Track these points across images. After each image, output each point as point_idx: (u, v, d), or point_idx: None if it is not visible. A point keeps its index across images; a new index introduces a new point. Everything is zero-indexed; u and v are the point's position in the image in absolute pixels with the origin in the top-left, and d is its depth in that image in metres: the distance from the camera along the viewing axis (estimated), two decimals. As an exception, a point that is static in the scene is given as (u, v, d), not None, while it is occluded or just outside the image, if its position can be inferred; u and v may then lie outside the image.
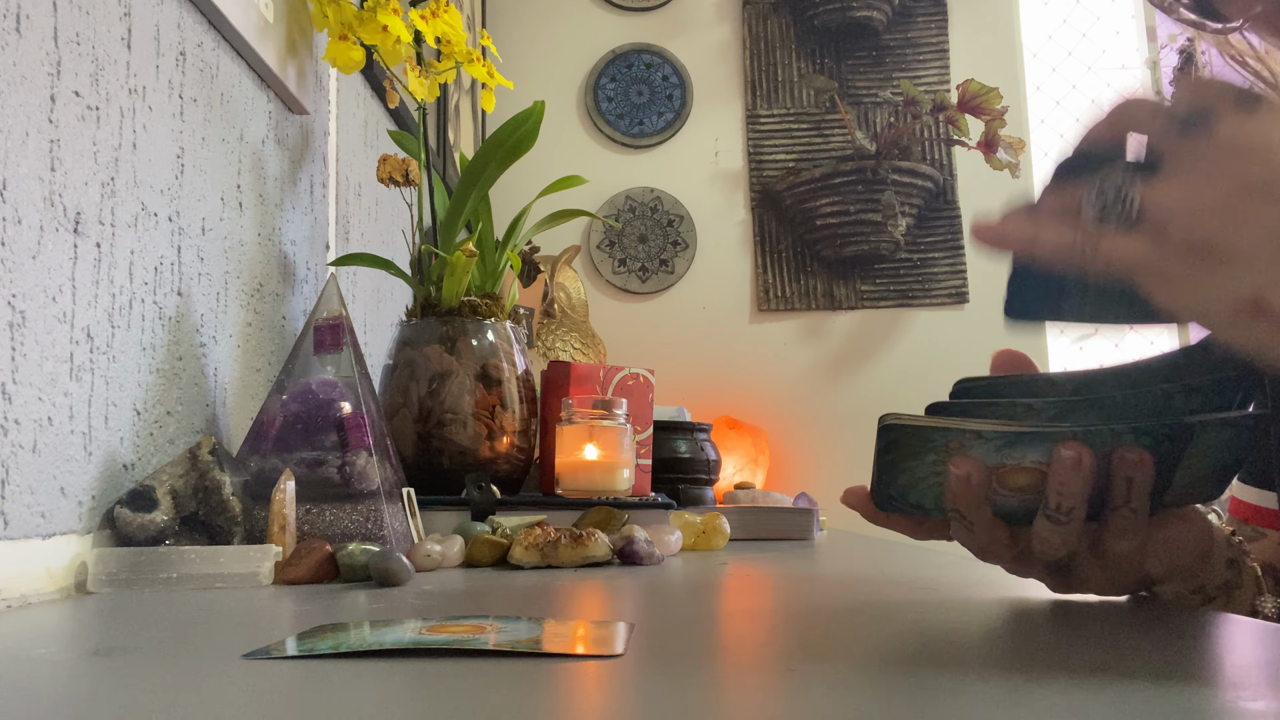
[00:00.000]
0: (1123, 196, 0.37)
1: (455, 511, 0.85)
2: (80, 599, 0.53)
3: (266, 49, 0.86)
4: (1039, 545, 0.44)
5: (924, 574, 0.64)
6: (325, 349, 0.74)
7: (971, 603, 0.49)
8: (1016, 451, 0.41)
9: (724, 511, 1.00)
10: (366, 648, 0.34)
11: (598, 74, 2.50)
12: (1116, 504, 0.42)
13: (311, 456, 0.69)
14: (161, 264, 0.69)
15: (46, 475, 0.54)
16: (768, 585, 0.60)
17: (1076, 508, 0.41)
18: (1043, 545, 0.44)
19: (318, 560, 0.60)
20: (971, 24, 2.54)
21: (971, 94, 2.09)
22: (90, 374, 0.59)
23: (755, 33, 2.52)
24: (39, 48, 0.55)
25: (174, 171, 0.71)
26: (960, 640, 0.38)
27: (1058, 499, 0.41)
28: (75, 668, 0.33)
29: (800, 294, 2.42)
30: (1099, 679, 0.29)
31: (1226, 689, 0.29)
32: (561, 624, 0.41)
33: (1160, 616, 0.45)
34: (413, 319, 0.99)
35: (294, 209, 0.97)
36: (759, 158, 2.48)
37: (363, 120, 1.25)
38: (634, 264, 2.44)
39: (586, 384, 1.08)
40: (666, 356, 2.36)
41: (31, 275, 0.53)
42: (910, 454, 0.43)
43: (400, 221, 1.43)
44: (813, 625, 0.42)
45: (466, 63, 0.99)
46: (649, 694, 0.28)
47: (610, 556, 0.72)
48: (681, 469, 1.27)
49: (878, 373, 2.38)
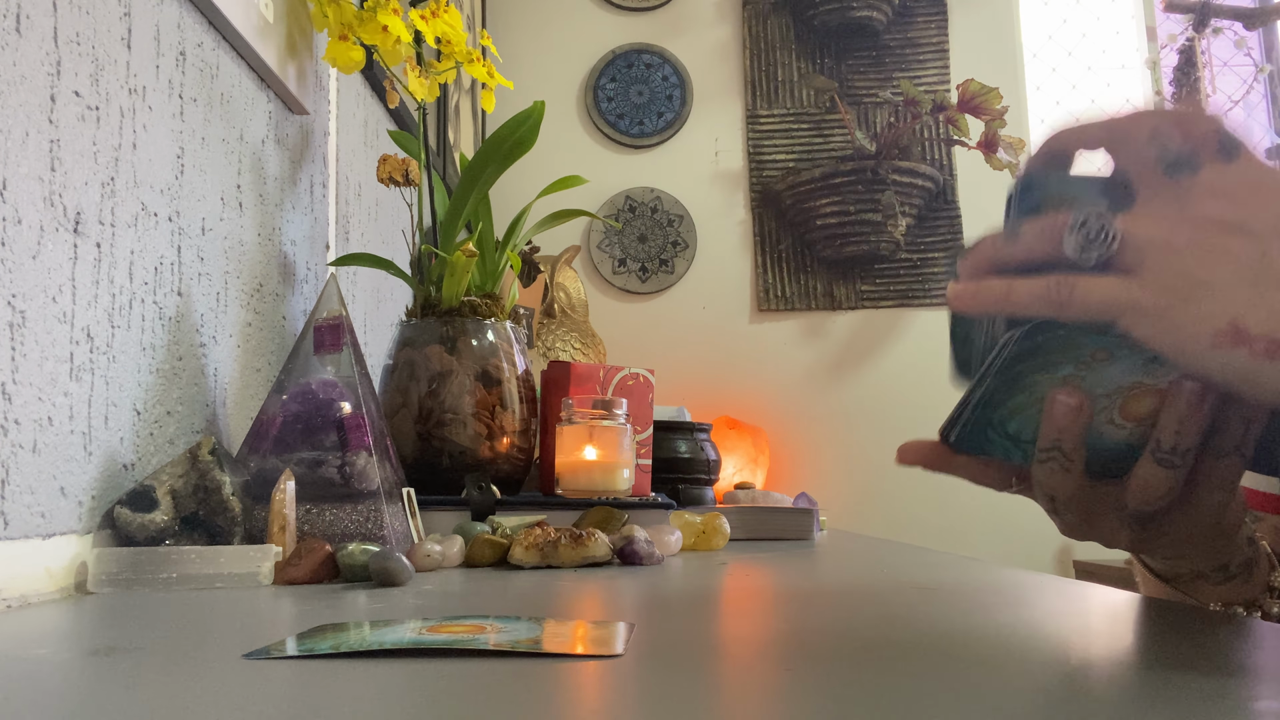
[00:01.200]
0: (1103, 231, 0.38)
1: (455, 511, 0.85)
2: (80, 599, 0.53)
3: (266, 49, 0.86)
4: (1140, 491, 0.42)
5: (924, 574, 0.64)
6: (325, 349, 0.74)
7: (972, 603, 0.49)
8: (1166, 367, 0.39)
9: (724, 511, 1.00)
10: (366, 648, 0.34)
11: (598, 74, 2.50)
12: (1226, 449, 0.41)
13: (311, 456, 0.69)
14: (161, 264, 0.69)
15: (46, 475, 0.54)
16: (767, 585, 0.60)
17: (1191, 449, 0.40)
18: (1145, 491, 0.42)
19: (318, 560, 0.60)
20: (971, 24, 2.54)
21: (971, 94, 2.09)
22: (90, 374, 0.59)
23: (755, 33, 2.52)
24: (39, 48, 0.55)
25: (174, 171, 0.71)
26: (960, 640, 0.38)
27: (1174, 439, 0.40)
28: (75, 668, 0.33)
29: (800, 294, 2.42)
30: (1100, 679, 0.29)
31: (1237, 689, 0.29)
32: (561, 624, 0.41)
33: (1164, 614, 0.45)
34: (413, 319, 0.99)
35: (294, 209, 0.97)
36: (759, 158, 2.48)
37: (363, 120, 1.25)
38: (634, 264, 2.44)
39: (586, 384, 1.08)
40: (666, 356, 2.36)
41: (31, 275, 0.53)
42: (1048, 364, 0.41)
43: (400, 221, 1.43)
44: (812, 625, 0.42)
45: (466, 63, 0.99)
46: (649, 694, 0.28)
47: (610, 556, 0.72)
48: (681, 469, 1.27)
49: (878, 373, 2.38)
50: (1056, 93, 2.65)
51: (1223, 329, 0.36)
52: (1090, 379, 0.41)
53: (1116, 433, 0.42)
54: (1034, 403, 0.42)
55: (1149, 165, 0.40)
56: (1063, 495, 0.43)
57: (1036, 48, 2.65)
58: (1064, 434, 0.41)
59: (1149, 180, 0.40)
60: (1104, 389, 0.41)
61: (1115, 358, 0.40)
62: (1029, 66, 2.59)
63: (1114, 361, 0.40)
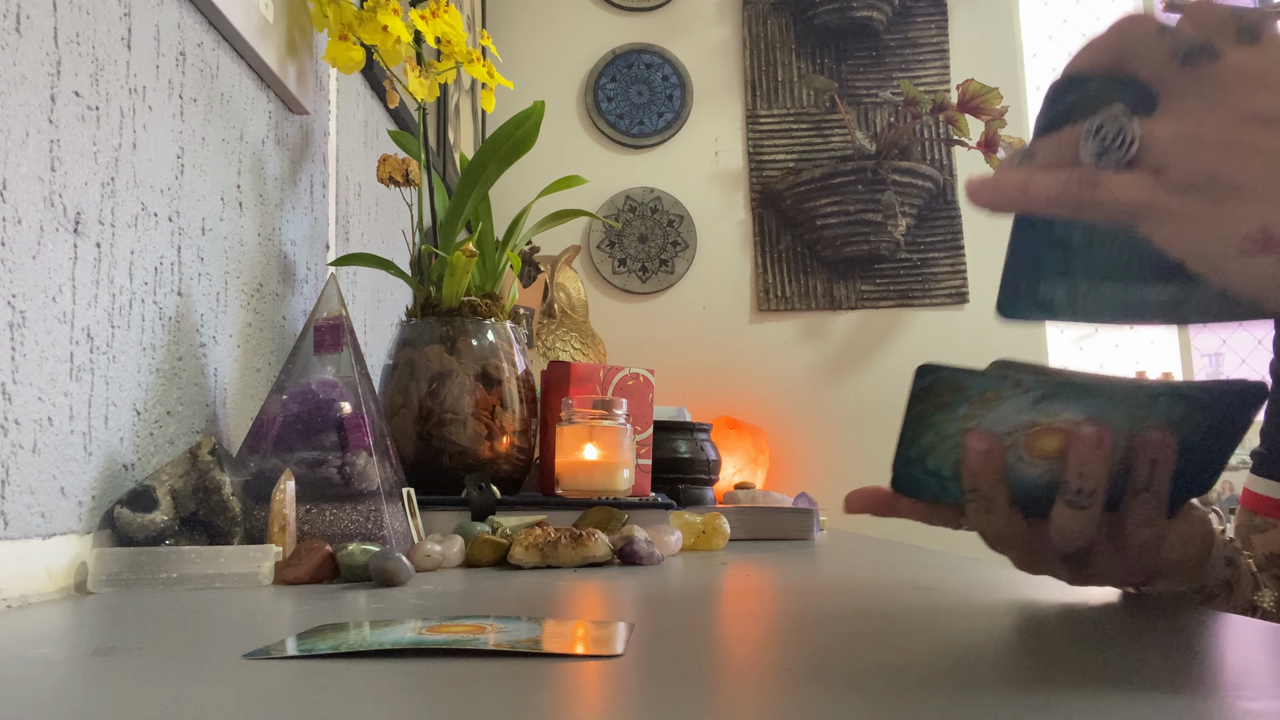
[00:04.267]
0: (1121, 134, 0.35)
1: (455, 511, 0.85)
2: (80, 599, 0.53)
3: (266, 49, 0.86)
4: (1058, 534, 0.42)
5: (924, 574, 0.64)
6: (325, 349, 0.74)
7: (972, 603, 0.49)
8: (1055, 405, 0.39)
9: (724, 511, 1.00)
10: (366, 648, 0.34)
11: (598, 74, 2.50)
12: (1138, 488, 0.41)
13: (311, 456, 0.69)
14: (161, 264, 0.69)
15: (46, 475, 0.54)
16: (767, 585, 0.60)
17: (1098, 490, 0.40)
18: (1062, 534, 0.42)
19: (318, 560, 0.60)
20: (971, 24, 2.54)
21: (971, 94, 2.09)
22: (90, 374, 0.59)
23: (755, 33, 2.52)
24: (39, 48, 0.55)
25: (174, 171, 0.71)
26: (960, 640, 0.38)
27: (1079, 481, 0.40)
28: (75, 668, 0.33)
29: (800, 294, 2.42)
30: (1100, 679, 0.29)
31: (1228, 689, 0.29)
32: (561, 624, 0.41)
33: (1162, 617, 0.45)
34: (413, 319, 0.99)
35: (294, 209, 0.97)
36: (759, 158, 2.48)
37: (363, 120, 1.25)
38: (634, 264, 2.44)
39: (586, 384, 1.08)
40: (666, 356, 2.36)
41: (31, 275, 0.53)
42: (942, 404, 0.41)
43: (400, 221, 1.43)
44: (812, 625, 0.42)
45: (466, 63, 0.99)
46: (649, 694, 0.28)
47: (610, 556, 0.72)
48: (681, 469, 1.27)
49: (878, 373, 2.38)
50: (1056, 93, 2.65)
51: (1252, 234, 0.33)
52: (986, 419, 0.41)
53: (1030, 470, 0.42)
54: (942, 440, 0.42)
55: (1164, 60, 0.35)
56: (992, 534, 0.44)
57: (1036, 48, 2.65)
58: (978, 477, 0.41)
59: (1168, 77, 0.35)
60: (1003, 428, 0.41)
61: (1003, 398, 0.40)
62: (1029, 66, 2.59)
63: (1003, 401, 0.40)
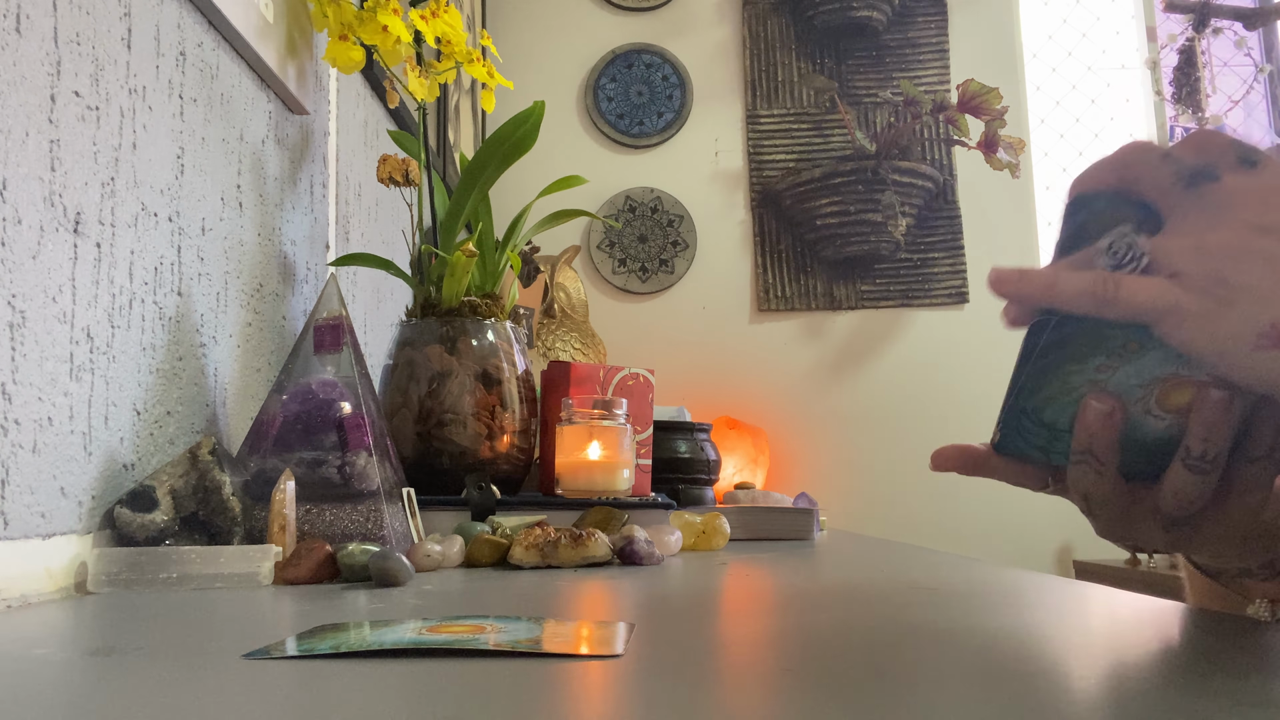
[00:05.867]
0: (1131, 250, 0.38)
1: (455, 511, 0.85)
2: (80, 599, 0.53)
3: (266, 49, 0.86)
4: (1173, 498, 0.42)
5: (925, 574, 0.64)
6: (325, 349, 0.74)
7: (972, 603, 0.49)
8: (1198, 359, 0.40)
9: (724, 511, 1.00)
10: (366, 648, 0.34)
11: (598, 74, 2.50)
12: (1257, 454, 0.41)
13: (311, 456, 0.69)
14: (161, 264, 0.69)
15: (46, 475, 0.54)
16: (767, 585, 0.60)
17: (1220, 456, 0.40)
18: (1176, 497, 0.42)
19: (318, 560, 0.60)
20: (971, 24, 2.54)
21: (971, 94, 2.09)
22: (90, 374, 0.59)
23: (755, 33, 2.52)
24: (39, 48, 0.55)
25: (174, 171, 0.71)
26: (960, 641, 0.38)
27: (1203, 445, 0.40)
28: (75, 668, 0.33)
29: (800, 294, 2.42)
30: (1100, 680, 0.29)
31: (1240, 688, 0.29)
32: (561, 624, 0.41)
33: (1161, 615, 0.45)
34: (413, 319, 0.99)
35: (294, 209, 0.97)
36: (759, 158, 2.48)
37: (363, 120, 1.25)
38: (634, 264, 2.44)
39: (586, 384, 1.08)
40: (666, 356, 2.36)
41: (31, 275, 0.53)
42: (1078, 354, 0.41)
43: (400, 221, 1.43)
44: (812, 625, 0.42)
45: (466, 63, 0.99)
46: (649, 694, 0.28)
47: (610, 556, 0.72)
48: (681, 469, 1.27)
49: (878, 373, 2.38)
50: (1056, 93, 2.65)
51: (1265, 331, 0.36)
52: (1124, 370, 0.41)
53: (1156, 424, 0.42)
54: (1067, 391, 0.42)
55: (1168, 185, 0.39)
56: (1097, 497, 0.43)
57: (1036, 48, 2.65)
58: (1095, 439, 0.41)
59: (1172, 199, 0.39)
60: (1139, 380, 0.41)
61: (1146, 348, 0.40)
62: (1029, 66, 2.59)
63: (1146, 352, 0.40)
